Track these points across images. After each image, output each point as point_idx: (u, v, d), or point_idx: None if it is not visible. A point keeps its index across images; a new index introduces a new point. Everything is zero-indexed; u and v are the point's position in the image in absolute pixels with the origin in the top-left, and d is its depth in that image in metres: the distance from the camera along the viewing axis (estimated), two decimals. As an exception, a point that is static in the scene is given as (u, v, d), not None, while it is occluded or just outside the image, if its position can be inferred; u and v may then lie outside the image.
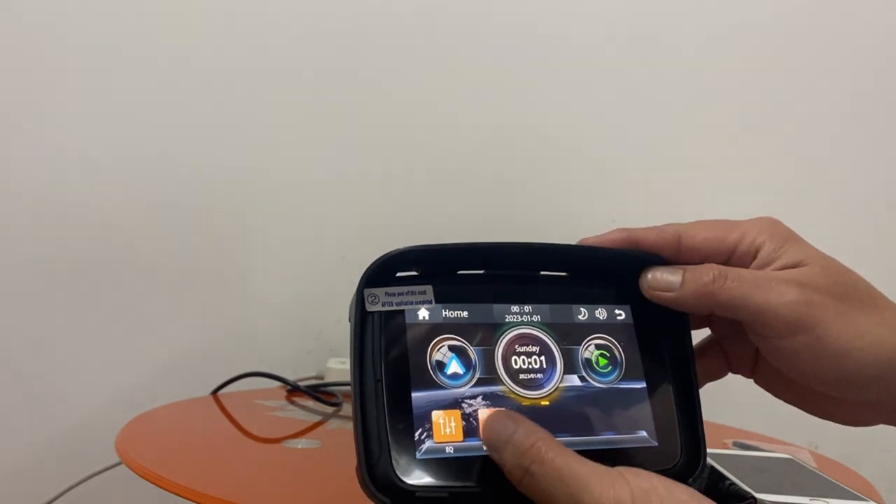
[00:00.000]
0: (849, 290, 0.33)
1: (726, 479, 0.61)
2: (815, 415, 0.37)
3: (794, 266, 0.34)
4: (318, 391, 0.95)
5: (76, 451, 1.01)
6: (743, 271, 0.34)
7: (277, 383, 0.98)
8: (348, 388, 0.96)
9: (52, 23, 1.03)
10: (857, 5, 1.15)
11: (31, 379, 1.03)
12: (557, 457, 0.30)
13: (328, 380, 0.99)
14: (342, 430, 0.84)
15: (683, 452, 0.36)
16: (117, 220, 1.06)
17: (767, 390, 0.37)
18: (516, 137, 1.16)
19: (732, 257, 0.36)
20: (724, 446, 0.80)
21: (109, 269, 1.05)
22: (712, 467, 0.62)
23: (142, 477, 0.62)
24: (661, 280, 0.35)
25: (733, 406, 0.36)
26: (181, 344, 1.09)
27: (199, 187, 1.09)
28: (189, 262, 1.09)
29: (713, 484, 0.61)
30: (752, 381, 0.41)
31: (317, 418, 0.87)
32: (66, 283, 1.04)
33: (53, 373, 1.04)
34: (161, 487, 0.60)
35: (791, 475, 0.67)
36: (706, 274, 0.33)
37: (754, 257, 0.36)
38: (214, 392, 0.95)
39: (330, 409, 0.90)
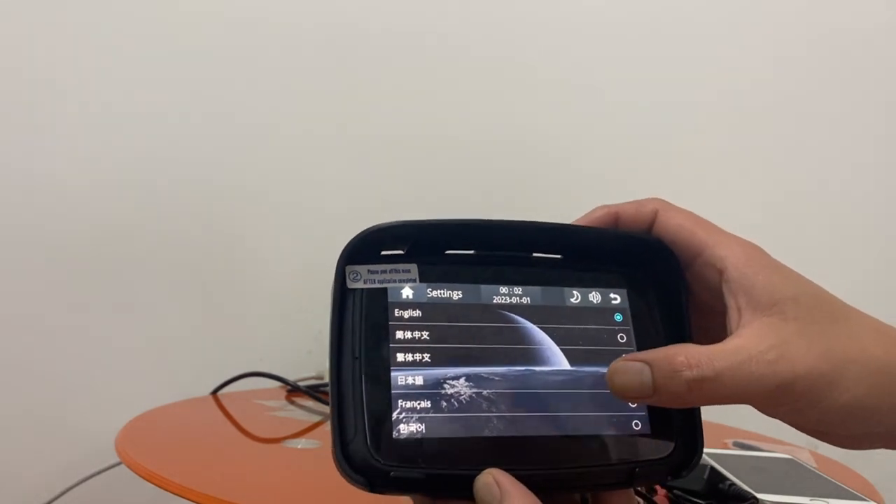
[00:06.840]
0: (825, 330, 0.32)
1: (727, 479, 0.61)
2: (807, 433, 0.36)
3: (765, 307, 0.32)
4: (318, 391, 0.95)
5: (76, 451, 1.01)
6: (717, 360, 0.31)
7: (277, 383, 0.98)
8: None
9: (51, 23, 1.03)
10: (862, 5, 1.15)
11: (30, 379, 1.03)
12: None
13: (328, 380, 0.98)
14: (342, 430, 0.84)
15: (679, 442, 0.34)
16: (117, 220, 1.06)
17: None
18: (517, 135, 1.16)
19: (696, 262, 0.35)
20: (724, 446, 0.80)
21: (109, 270, 1.05)
22: (712, 467, 0.62)
23: (142, 477, 0.62)
24: (632, 386, 0.31)
25: (733, 406, 0.35)
26: (181, 344, 1.09)
27: (200, 188, 1.09)
28: (189, 262, 1.09)
29: (713, 484, 0.61)
30: None
31: (316, 418, 0.87)
32: (66, 283, 1.04)
33: (53, 373, 1.04)
34: (161, 487, 0.60)
35: (791, 475, 0.67)
36: (679, 382, 0.30)
37: (720, 273, 0.34)
38: (214, 392, 0.95)
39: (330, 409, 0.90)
